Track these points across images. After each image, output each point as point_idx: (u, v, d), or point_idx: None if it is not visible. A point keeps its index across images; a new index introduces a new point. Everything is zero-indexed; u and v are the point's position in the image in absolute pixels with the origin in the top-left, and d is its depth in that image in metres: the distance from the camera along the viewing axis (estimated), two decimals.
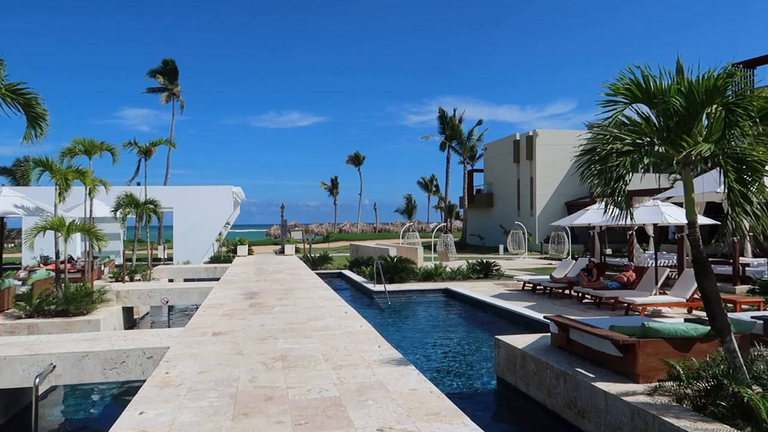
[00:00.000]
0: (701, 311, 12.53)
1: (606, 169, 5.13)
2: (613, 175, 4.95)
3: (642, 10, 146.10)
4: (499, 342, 8.62)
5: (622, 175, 4.96)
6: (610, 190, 5.07)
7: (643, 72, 5.21)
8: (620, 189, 5.02)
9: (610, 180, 5.00)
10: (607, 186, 5.06)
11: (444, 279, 20.15)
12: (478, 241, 43.36)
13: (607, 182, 5.05)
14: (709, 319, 5.30)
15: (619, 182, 4.97)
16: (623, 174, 4.96)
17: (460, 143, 42.81)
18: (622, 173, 4.95)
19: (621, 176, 4.95)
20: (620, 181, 4.96)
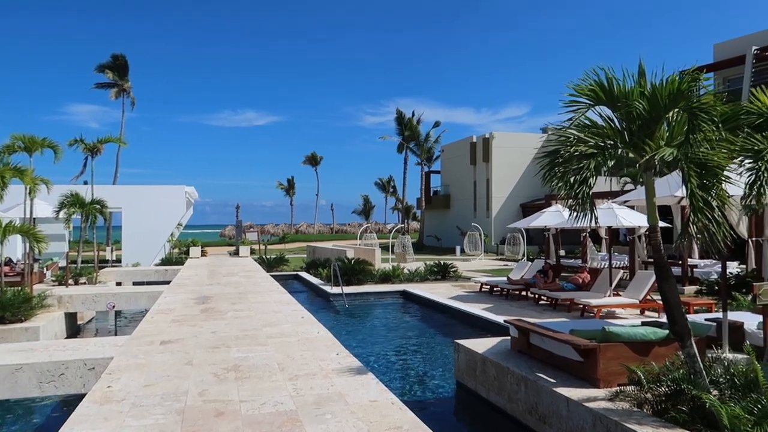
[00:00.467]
0: (653, 312, 12.79)
1: (570, 172, 5.03)
2: (578, 178, 4.86)
3: (598, 11, 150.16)
4: (459, 346, 8.49)
5: (586, 178, 4.87)
6: (574, 193, 4.98)
7: (607, 74, 5.15)
8: (585, 192, 4.94)
9: (575, 183, 4.90)
10: (571, 189, 4.97)
11: (402, 281, 20.04)
12: (434, 242, 43.55)
13: (571, 185, 4.96)
14: (670, 324, 5.28)
15: (583, 185, 4.88)
16: (587, 177, 4.88)
17: (418, 144, 42.93)
18: (586, 176, 4.86)
19: (585, 179, 4.87)
20: (584, 184, 4.87)
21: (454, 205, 44.37)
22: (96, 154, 22.32)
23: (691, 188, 4.48)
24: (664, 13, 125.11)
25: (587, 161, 4.90)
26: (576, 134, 5.22)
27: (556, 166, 5.50)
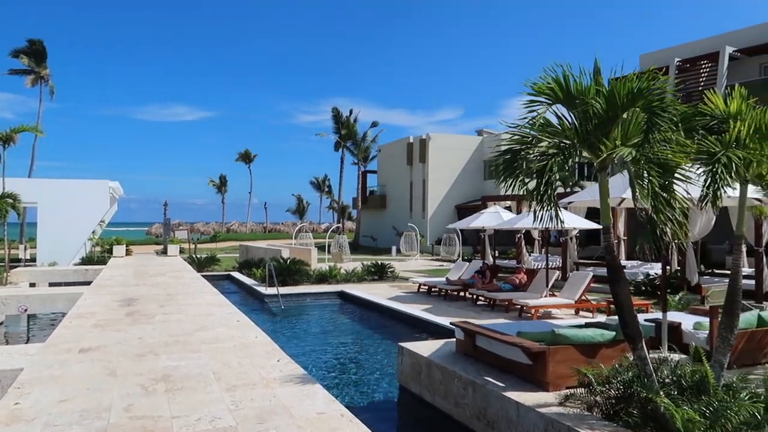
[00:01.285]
0: (587, 312, 13.05)
1: (533, 172, 4.87)
2: (543, 179, 4.69)
3: (525, 18, 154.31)
4: (402, 349, 8.25)
5: (551, 179, 4.71)
6: (540, 195, 4.80)
7: (565, 71, 5.02)
8: (550, 193, 4.77)
9: (540, 184, 4.73)
10: (536, 190, 4.79)
11: (339, 281, 19.70)
12: (370, 242, 43.38)
13: (536, 186, 4.78)
14: (622, 326, 5.22)
15: (548, 187, 4.71)
16: (552, 178, 4.72)
17: (355, 143, 42.62)
18: (551, 177, 4.70)
19: (550, 181, 4.71)
20: (550, 185, 4.71)
21: (391, 206, 44.38)
22: (8, 144, 20.63)
23: (653, 188, 4.40)
24: (591, 24, 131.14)
25: (550, 161, 4.74)
26: (534, 134, 5.06)
27: (515, 167, 5.33)
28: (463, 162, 40.16)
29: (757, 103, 4.87)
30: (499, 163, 5.60)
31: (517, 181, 5.43)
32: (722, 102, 4.88)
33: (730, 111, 4.79)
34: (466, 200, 39.45)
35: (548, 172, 4.75)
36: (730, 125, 4.70)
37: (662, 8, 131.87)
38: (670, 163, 4.43)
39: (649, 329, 6.65)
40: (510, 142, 5.44)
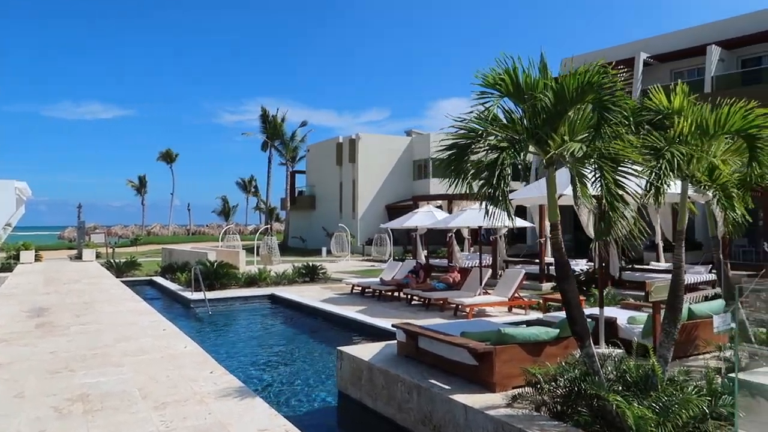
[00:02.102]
0: (520, 309, 13.23)
1: (483, 168, 4.70)
2: (495, 173, 4.52)
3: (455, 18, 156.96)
4: (342, 354, 7.94)
5: (503, 173, 4.55)
6: (491, 191, 4.63)
7: (515, 64, 4.89)
8: (503, 189, 4.61)
9: (491, 178, 4.56)
10: (487, 185, 4.61)
11: (269, 284, 19.13)
12: (300, 244, 42.65)
13: (487, 182, 4.61)
14: (570, 323, 5.16)
15: (501, 181, 4.55)
16: (505, 172, 4.56)
17: (283, 143, 41.75)
18: (503, 172, 4.54)
19: (502, 175, 4.55)
20: (502, 179, 4.55)
21: (320, 206, 43.83)
22: None
23: (606, 185, 4.34)
24: (515, 29, 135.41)
25: (502, 154, 4.58)
26: (484, 127, 4.90)
27: (463, 163, 5.15)
28: (393, 162, 40.24)
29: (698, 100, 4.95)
30: (445, 159, 5.42)
31: (464, 178, 5.26)
32: (665, 98, 4.91)
33: (673, 107, 4.83)
34: (396, 200, 39.56)
35: (500, 165, 4.59)
36: (675, 121, 4.74)
37: (579, 13, 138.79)
38: (621, 159, 4.38)
39: (590, 325, 6.67)
40: (457, 136, 5.26)
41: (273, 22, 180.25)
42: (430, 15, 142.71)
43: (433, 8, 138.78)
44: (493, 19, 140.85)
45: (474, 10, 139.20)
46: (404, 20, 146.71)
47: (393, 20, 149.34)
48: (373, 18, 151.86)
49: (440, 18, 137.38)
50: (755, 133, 4.45)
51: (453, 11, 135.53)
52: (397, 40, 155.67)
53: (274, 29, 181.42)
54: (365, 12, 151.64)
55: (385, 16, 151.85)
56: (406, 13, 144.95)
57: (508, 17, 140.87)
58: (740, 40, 23.80)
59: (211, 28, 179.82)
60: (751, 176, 4.86)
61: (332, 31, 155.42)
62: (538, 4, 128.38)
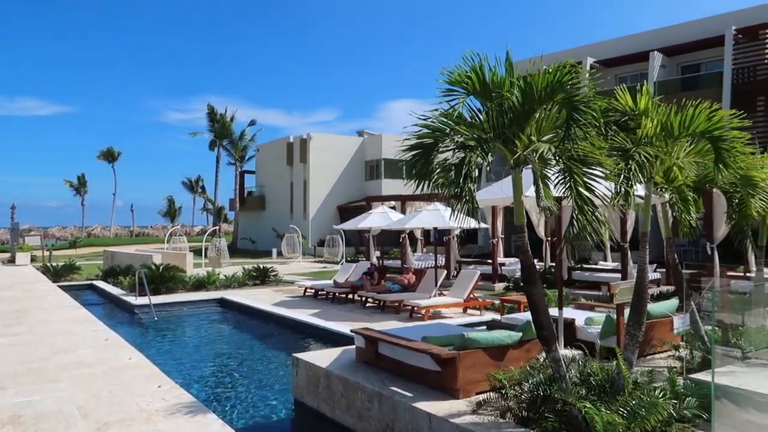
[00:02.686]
0: (475, 311, 13.21)
1: (449, 168, 4.52)
2: (462, 173, 4.35)
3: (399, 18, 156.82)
4: (298, 361, 7.63)
5: (470, 173, 4.38)
6: (458, 190, 4.45)
7: (481, 61, 4.74)
8: (469, 190, 4.44)
9: (458, 178, 4.38)
10: (455, 186, 4.44)
11: (218, 287, 18.52)
12: (249, 245, 41.75)
13: (454, 181, 4.43)
14: (537, 327, 5.06)
15: (468, 181, 4.38)
16: (472, 172, 4.39)
17: (232, 143, 40.75)
18: (470, 171, 4.37)
19: (470, 175, 4.38)
20: (469, 180, 4.38)
21: (270, 207, 43.05)
22: None
23: (576, 187, 4.23)
24: (431, 33, 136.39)
25: (469, 154, 4.42)
26: (449, 126, 4.73)
27: (426, 162, 4.96)
28: (345, 162, 39.93)
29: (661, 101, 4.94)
30: (409, 159, 5.22)
31: (429, 178, 5.08)
32: (630, 99, 4.88)
33: (639, 108, 4.80)
34: (348, 201, 39.28)
35: (467, 165, 4.42)
36: (642, 122, 4.70)
37: (528, 17, 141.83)
38: (590, 160, 4.29)
39: None
40: (421, 135, 5.07)
41: (219, 19, 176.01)
42: (379, 14, 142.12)
43: (384, 7, 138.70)
44: (444, 20, 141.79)
45: (425, 11, 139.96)
46: (352, 20, 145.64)
47: (341, 20, 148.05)
48: (322, 17, 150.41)
49: (390, 18, 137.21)
50: (720, 134, 4.46)
51: (404, 10, 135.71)
52: (346, 40, 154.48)
53: (219, 26, 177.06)
54: (314, 11, 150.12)
55: (334, 15, 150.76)
56: (354, 12, 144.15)
57: (460, 19, 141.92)
58: (679, 47, 24.73)
59: (156, 24, 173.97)
60: (716, 177, 4.87)
61: (281, 30, 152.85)
62: (488, 10, 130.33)
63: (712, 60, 24.22)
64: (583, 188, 4.24)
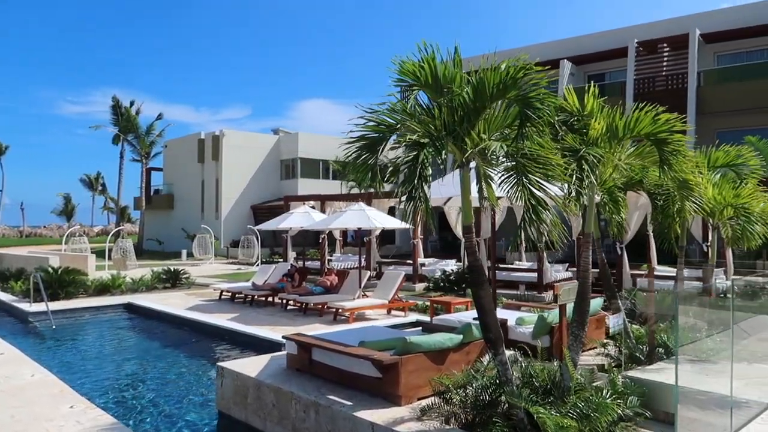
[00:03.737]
0: (400, 312, 13.10)
1: (400, 166, 4.29)
2: (416, 172, 4.12)
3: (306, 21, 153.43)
4: (223, 370, 7.13)
5: (423, 172, 4.17)
6: (410, 190, 4.22)
7: (433, 54, 4.56)
8: (422, 189, 4.22)
9: (413, 177, 4.16)
10: (408, 185, 4.20)
11: (124, 291, 17.29)
12: (156, 246, 39.56)
13: (408, 180, 4.19)
14: (484, 330, 4.95)
15: (422, 181, 4.17)
16: (425, 171, 4.18)
17: (138, 138, 38.38)
18: (423, 171, 4.16)
19: (423, 174, 4.17)
20: (423, 179, 4.16)
21: (179, 206, 41.03)
22: None
23: (529, 187, 4.13)
24: (404, 29, 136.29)
25: (422, 151, 4.20)
26: (399, 121, 4.50)
27: (371, 159, 4.71)
28: (259, 161, 38.81)
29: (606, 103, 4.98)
30: (353, 154, 4.95)
31: (375, 176, 4.84)
32: (576, 99, 4.88)
33: (588, 109, 4.82)
34: (263, 200, 38.22)
35: (420, 164, 4.21)
36: (588, 123, 4.71)
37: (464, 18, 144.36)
38: (542, 160, 4.21)
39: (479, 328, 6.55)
40: (368, 129, 4.81)
41: (122, 9, 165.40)
42: (291, 12, 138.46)
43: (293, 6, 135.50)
44: (353, 19, 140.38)
45: (341, 10, 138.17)
46: (262, 18, 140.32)
47: (252, 8, 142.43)
48: (233, 9, 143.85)
49: (302, 14, 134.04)
50: (665, 137, 4.54)
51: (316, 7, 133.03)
52: (257, 36, 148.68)
53: (123, 15, 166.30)
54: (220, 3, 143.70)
55: (247, 6, 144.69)
56: (263, 11, 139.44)
57: (372, 16, 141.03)
58: (587, 57, 26.07)
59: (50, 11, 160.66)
60: (648, 179, 4.97)
61: (186, 21, 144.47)
62: (399, 18, 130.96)
63: (617, 70, 25.72)
64: (536, 188, 4.16)
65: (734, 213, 6.32)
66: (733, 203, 6.23)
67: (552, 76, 26.82)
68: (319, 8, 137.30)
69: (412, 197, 4.23)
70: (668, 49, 24.62)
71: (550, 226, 4.16)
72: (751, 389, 4.55)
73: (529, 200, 4.14)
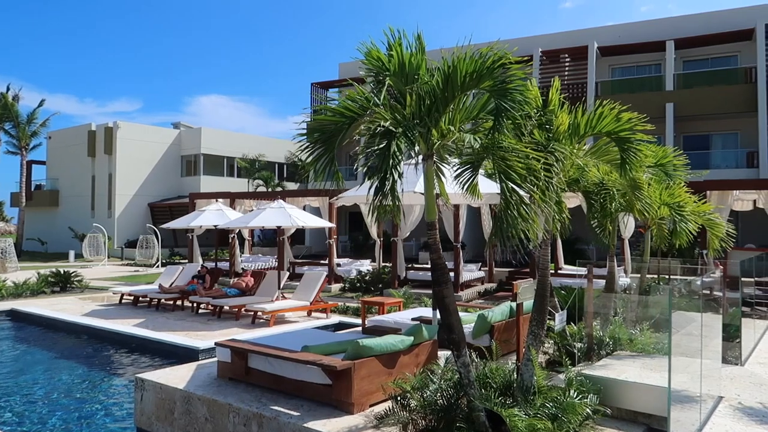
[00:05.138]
0: (321, 313, 12.68)
1: (368, 155, 3.96)
2: (389, 163, 3.81)
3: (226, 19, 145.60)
4: (143, 383, 6.43)
5: (395, 163, 3.86)
6: (380, 184, 3.90)
7: (399, 40, 4.28)
8: (393, 182, 3.91)
9: (385, 166, 3.84)
10: (378, 176, 3.88)
11: (5, 296, 15.55)
12: (38, 247, 36.09)
13: (380, 171, 3.87)
14: (447, 331, 4.73)
15: (394, 173, 3.86)
16: (397, 163, 3.88)
17: (17, 127, 34.71)
18: (395, 162, 3.85)
19: (395, 165, 3.86)
20: (395, 171, 3.86)
21: (65, 203, 37.69)
22: None
23: (506, 182, 3.96)
24: (303, 29, 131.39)
25: (394, 140, 3.90)
26: (368, 108, 4.18)
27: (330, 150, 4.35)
28: (158, 156, 36.54)
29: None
30: (308, 145, 4.56)
31: (333, 169, 4.48)
32: (539, 94, 4.79)
33: (551, 104, 4.75)
34: (162, 198, 36.04)
35: (393, 155, 3.91)
36: (551, 119, 4.64)
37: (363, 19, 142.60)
38: (519, 154, 4.05)
39: (432, 330, 6.38)
40: (328, 118, 4.45)
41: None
42: (184, 4, 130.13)
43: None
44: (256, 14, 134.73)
45: (236, 3, 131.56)
46: (156, 8, 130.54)
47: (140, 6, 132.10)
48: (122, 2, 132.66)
49: (197, 5, 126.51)
50: (627, 135, 4.56)
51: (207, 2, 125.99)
52: (148, 28, 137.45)
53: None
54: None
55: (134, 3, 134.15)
56: (155, 2, 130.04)
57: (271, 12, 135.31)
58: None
59: None
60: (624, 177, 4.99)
61: (70, 4, 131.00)
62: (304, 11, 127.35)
63: None
64: (517, 183, 3.99)
65: (669, 212, 6.60)
66: (668, 202, 6.49)
67: None
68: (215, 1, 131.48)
69: (380, 190, 3.90)
70: (569, 59, 26.02)
71: (529, 223, 4.00)
72: (697, 383, 4.69)
73: (507, 194, 3.96)
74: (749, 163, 23.54)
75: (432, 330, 6.27)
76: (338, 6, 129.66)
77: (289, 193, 18.84)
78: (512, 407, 4.39)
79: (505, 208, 3.96)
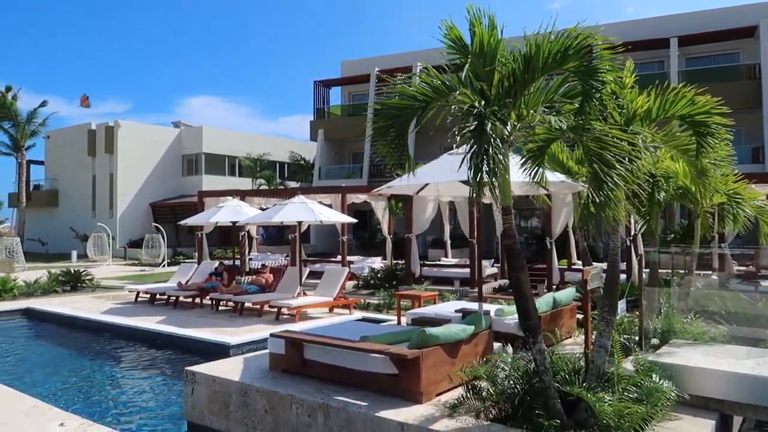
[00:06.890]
0: (344, 309, 12.59)
1: (459, 134, 3.92)
2: (483, 145, 3.76)
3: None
4: (195, 376, 6.35)
5: (492, 144, 3.81)
6: (477, 167, 3.85)
7: (478, 19, 4.24)
8: (492, 160, 3.86)
9: (480, 149, 3.79)
10: (475, 161, 3.82)
11: (17, 295, 15.36)
12: (39, 247, 35.74)
13: (476, 154, 3.81)
14: (523, 318, 4.70)
15: (489, 154, 3.81)
16: (494, 144, 3.83)
17: (16, 126, 34.38)
18: (491, 144, 3.81)
19: (491, 147, 3.81)
20: (491, 155, 3.81)
21: (66, 203, 37.35)
22: None
23: (599, 167, 3.92)
24: (291, 29, 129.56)
25: (486, 120, 3.86)
26: (454, 86, 4.14)
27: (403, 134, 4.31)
28: (159, 156, 36.28)
29: None
30: (380, 128, 4.52)
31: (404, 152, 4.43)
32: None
33: (625, 84, 4.73)
34: (163, 197, 35.77)
35: (489, 136, 3.87)
36: (630, 100, 4.61)
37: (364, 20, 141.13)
38: (607, 137, 4.02)
39: (488, 320, 6.33)
40: (399, 103, 4.41)
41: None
42: (176, 7, 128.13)
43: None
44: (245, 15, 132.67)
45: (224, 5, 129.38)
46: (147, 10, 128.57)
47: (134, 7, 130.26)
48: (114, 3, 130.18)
49: (186, 6, 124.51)
50: (703, 119, 4.54)
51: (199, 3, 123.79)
52: (139, 25, 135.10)
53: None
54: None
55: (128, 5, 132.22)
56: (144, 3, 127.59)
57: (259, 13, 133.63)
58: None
59: None
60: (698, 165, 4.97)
61: (59, 6, 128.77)
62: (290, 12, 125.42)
63: None
64: (606, 165, 3.95)
65: (726, 199, 6.59)
66: (722, 190, 6.46)
67: None
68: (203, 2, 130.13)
69: (480, 169, 3.84)
70: None
71: (618, 205, 3.97)
72: None
73: (601, 176, 3.92)
74: (755, 158, 23.67)
75: (487, 320, 6.24)
76: (335, 6, 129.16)
77: (303, 190, 18.71)
78: (595, 392, 4.36)
79: (597, 190, 3.93)
